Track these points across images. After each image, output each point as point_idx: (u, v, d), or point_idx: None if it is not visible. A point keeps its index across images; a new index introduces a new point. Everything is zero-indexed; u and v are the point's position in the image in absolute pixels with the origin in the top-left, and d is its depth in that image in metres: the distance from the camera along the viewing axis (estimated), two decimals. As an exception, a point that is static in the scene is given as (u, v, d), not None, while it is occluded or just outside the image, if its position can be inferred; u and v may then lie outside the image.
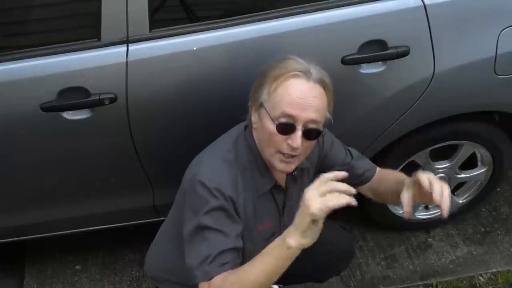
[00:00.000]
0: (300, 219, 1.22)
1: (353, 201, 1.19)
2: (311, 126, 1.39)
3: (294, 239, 1.24)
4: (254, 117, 1.49)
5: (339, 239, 1.90)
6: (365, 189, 1.73)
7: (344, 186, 1.20)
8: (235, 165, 1.47)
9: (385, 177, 1.70)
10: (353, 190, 1.21)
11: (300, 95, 1.38)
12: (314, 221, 1.21)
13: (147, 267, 1.85)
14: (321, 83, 1.42)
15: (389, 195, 1.64)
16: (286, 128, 1.39)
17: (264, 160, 1.50)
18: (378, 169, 1.75)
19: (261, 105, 1.44)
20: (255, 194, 1.51)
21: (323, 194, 1.19)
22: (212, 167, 1.45)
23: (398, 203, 1.58)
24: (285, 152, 1.41)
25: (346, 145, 1.75)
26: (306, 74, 1.40)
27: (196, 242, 1.40)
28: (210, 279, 1.35)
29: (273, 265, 1.28)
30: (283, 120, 1.38)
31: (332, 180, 1.21)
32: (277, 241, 1.28)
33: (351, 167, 1.68)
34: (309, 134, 1.39)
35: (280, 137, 1.40)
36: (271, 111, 1.40)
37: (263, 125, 1.43)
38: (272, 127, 1.40)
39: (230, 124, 1.61)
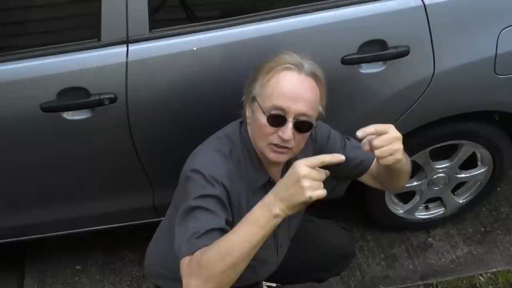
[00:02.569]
0: (290, 194, 1.21)
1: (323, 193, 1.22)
2: (302, 118, 1.39)
3: (280, 209, 1.22)
4: (247, 111, 1.49)
5: (339, 239, 1.90)
6: (367, 178, 1.70)
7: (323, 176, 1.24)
8: (229, 158, 1.47)
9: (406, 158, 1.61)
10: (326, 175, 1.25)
11: (291, 87, 1.39)
12: (304, 203, 1.21)
13: (146, 264, 1.85)
14: (313, 76, 1.42)
15: (390, 179, 1.61)
16: (277, 120, 1.39)
17: (258, 155, 1.51)
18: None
19: (253, 99, 1.45)
20: (248, 189, 1.51)
21: (315, 179, 1.21)
22: (206, 157, 1.46)
23: (401, 184, 1.59)
24: (276, 143, 1.41)
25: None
26: (298, 67, 1.41)
27: (186, 221, 1.36)
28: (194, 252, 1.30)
29: (258, 234, 1.23)
30: (274, 112, 1.39)
31: (327, 162, 1.25)
32: (259, 210, 1.24)
33: (346, 158, 1.67)
34: (300, 126, 1.39)
35: (271, 129, 1.40)
36: (262, 104, 1.41)
37: (256, 117, 1.44)
38: (263, 119, 1.40)
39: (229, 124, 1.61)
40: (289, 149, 1.43)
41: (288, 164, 1.56)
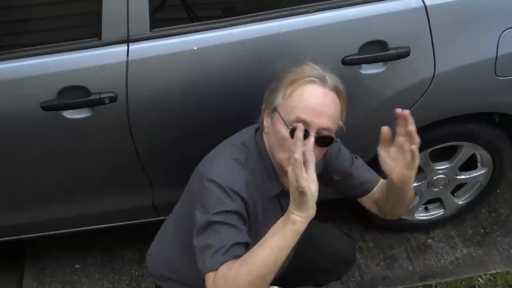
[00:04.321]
0: (292, 197, 1.27)
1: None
2: (324, 133, 1.39)
3: (296, 214, 1.27)
4: (266, 121, 1.48)
5: (340, 244, 1.90)
6: (368, 200, 1.68)
7: (299, 146, 1.25)
8: (245, 167, 1.47)
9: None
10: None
11: (316, 101, 1.38)
12: (301, 193, 1.25)
13: (149, 266, 1.85)
14: (336, 90, 1.43)
15: (391, 204, 1.60)
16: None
17: (272, 165, 1.50)
18: (382, 181, 1.65)
19: (274, 110, 1.44)
20: (263, 197, 1.51)
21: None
22: (224, 166, 1.44)
23: (399, 212, 1.60)
24: None
25: (346, 146, 1.74)
26: (322, 81, 1.41)
27: (208, 236, 1.37)
28: None
29: (282, 242, 1.28)
30: (296, 125, 1.38)
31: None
32: (280, 221, 1.30)
33: (348, 175, 1.66)
34: (321, 141, 1.39)
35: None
36: (285, 116, 1.40)
37: (276, 129, 1.43)
38: (285, 132, 1.40)
39: (230, 124, 1.61)
40: None
41: None
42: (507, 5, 1.86)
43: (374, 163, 2.11)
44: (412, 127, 1.35)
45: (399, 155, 1.41)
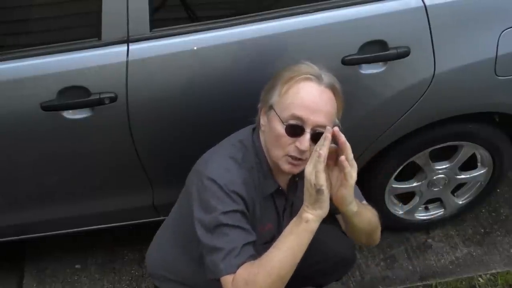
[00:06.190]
0: (307, 194, 1.32)
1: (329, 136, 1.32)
2: (320, 130, 1.39)
3: (309, 213, 1.32)
4: (263, 119, 1.49)
5: (340, 245, 1.89)
6: (340, 217, 1.64)
7: (325, 146, 1.31)
8: (242, 165, 1.47)
9: (361, 214, 1.51)
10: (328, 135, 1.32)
11: (311, 98, 1.39)
12: (318, 191, 1.30)
13: (148, 266, 1.85)
14: (332, 88, 1.43)
15: (349, 229, 1.58)
16: (295, 131, 1.39)
17: (269, 164, 1.51)
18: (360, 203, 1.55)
19: (270, 107, 1.44)
20: (260, 196, 1.52)
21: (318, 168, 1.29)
22: (221, 165, 1.45)
23: (359, 240, 1.61)
24: (292, 155, 1.42)
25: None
26: (318, 78, 1.41)
27: (216, 238, 1.39)
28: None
29: (296, 242, 1.32)
30: (292, 122, 1.39)
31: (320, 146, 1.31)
32: (293, 221, 1.35)
33: None
34: (317, 138, 1.39)
35: (288, 139, 1.40)
36: (281, 113, 1.41)
37: (272, 126, 1.43)
38: (281, 128, 1.40)
39: (230, 124, 1.61)
40: (304, 160, 1.43)
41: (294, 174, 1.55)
42: (507, 4, 1.86)
43: (372, 166, 2.13)
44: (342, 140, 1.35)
45: (338, 174, 1.39)
